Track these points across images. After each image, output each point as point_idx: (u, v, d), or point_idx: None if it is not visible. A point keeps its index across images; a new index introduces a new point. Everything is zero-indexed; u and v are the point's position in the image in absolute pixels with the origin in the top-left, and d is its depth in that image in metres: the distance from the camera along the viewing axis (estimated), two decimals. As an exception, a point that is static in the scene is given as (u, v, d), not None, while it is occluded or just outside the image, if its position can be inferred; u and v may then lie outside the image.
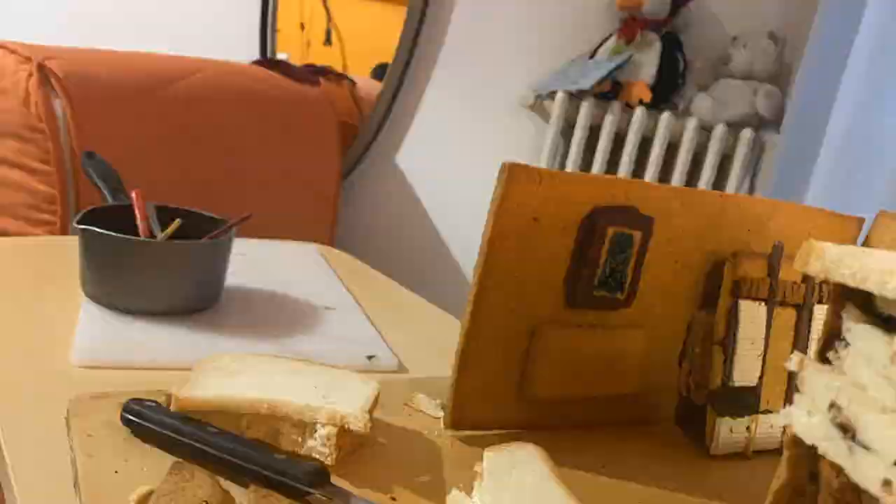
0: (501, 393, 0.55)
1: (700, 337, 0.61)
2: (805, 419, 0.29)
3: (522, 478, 0.43)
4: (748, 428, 0.59)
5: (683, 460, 0.59)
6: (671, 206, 0.57)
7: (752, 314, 0.58)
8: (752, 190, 1.61)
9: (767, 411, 0.60)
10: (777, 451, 0.62)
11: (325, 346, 0.72)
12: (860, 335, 0.29)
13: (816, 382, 0.30)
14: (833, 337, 0.31)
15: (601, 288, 0.55)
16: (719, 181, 1.61)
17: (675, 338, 0.62)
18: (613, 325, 0.58)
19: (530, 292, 0.54)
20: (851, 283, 0.28)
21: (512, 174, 0.50)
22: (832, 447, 0.28)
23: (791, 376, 0.61)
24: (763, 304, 0.58)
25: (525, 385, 0.56)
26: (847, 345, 0.30)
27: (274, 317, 0.82)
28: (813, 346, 0.65)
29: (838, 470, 0.28)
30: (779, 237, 0.62)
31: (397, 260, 1.86)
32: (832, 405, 0.29)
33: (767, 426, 0.61)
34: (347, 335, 0.76)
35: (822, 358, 0.31)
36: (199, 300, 0.81)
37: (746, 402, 0.58)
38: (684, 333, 0.62)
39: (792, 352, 0.60)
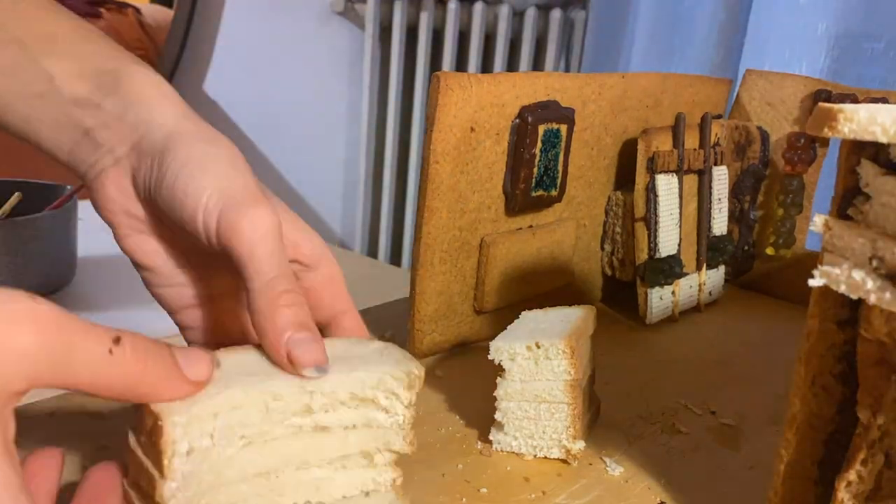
0: (457, 312, 0.54)
1: (620, 216, 0.63)
2: (847, 275, 0.30)
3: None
4: (673, 293, 0.63)
5: (623, 333, 0.62)
6: (585, 93, 0.57)
7: (667, 187, 0.60)
8: (567, 69, 1.67)
9: (684, 274, 0.64)
10: (695, 309, 0.67)
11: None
12: (882, 187, 0.31)
13: (849, 239, 0.31)
14: (850, 194, 0.32)
15: (538, 188, 0.54)
16: (537, 65, 1.64)
17: (595, 222, 0.64)
18: (549, 223, 0.58)
19: (473, 208, 0.52)
20: (884, 138, 0.29)
21: (446, 84, 0.47)
22: (884, 297, 0.29)
23: (707, 238, 0.65)
24: (674, 174, 0.61)
25: (477, 299, 0.55)
26: (868, 198, 0.32)
27: (140, 285, 0.74)
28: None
29: (887, 316, 0.30)
30: (672, 108, 0.65)
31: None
32: (872, 257, 0.30)
33: (687, 287, 0.65)
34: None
35: (842, 216, 0.33)
36: (53, 281, 0.72)
37: (671, 269, 0.61)
38: (602, 217, 0.64)
39: (699, 212, 0.64)
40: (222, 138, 0.38)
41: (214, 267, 0.39)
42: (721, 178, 0.65)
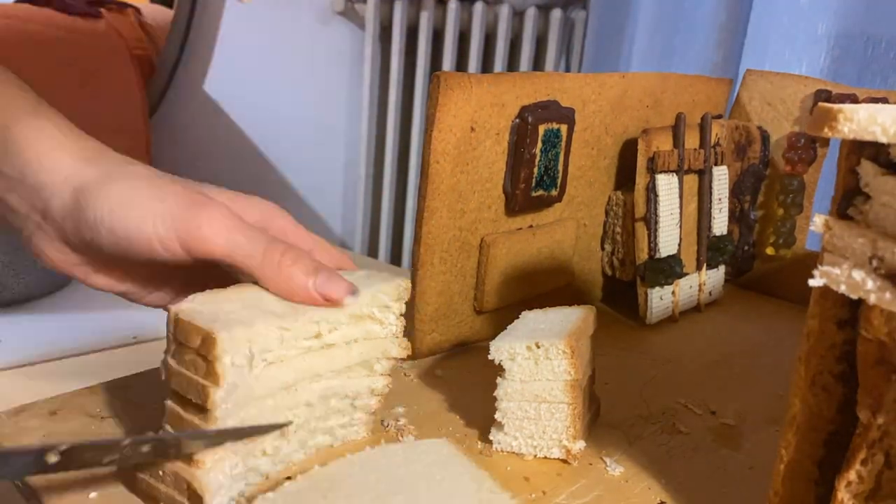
0: (457, 312, 0.54)
1: (620, 216, 0.63)
2: (847, 275, 0.30)
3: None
4: (673, 293, 0.63)
5: (623, 333, 0.62)
6: (585, 93, 0.57)
7: (667, 187, 0.60)
8: (567, 69, 1.67)
9: (685, 274, 0.64)
10: (695, 309, 0.67)
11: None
12: (882, 187, 0.31)
13: (849, 239, 0.31)
14: (850, 194, 0.32)
15: (538, 188, 0.54)
16: (537, 65, 1.64)
17: (596, 222, 0.64)
18: (550, 222, 0.58)
19: (473, 208, 0.52)
20: (884, 138, 0.29)
21: (446, 84, 0.46)
22: (884, 297, 0.29)
23: (707, 238, 0.65)
24: (674, 174, 0.61)
25: (477, 299, 0.55)
26: (868, 198, 0.32)
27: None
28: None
29: (888, 316, 0.30)
30: (672, 108, 0.65)
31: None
32: (872, 257, 0.30)
33: (687, 287, 0.65)
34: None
35: (842, 216, 0.33)
36: (53, 280, 0.72)
37: (672, 269, 0.61)
38: (603, 217, 0.64)
39: (699, 212, 0.64)
40: (130, 163, 0.37)
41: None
42: (721, 178, 0.65)
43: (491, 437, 0.42)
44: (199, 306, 0.35)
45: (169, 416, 0.35)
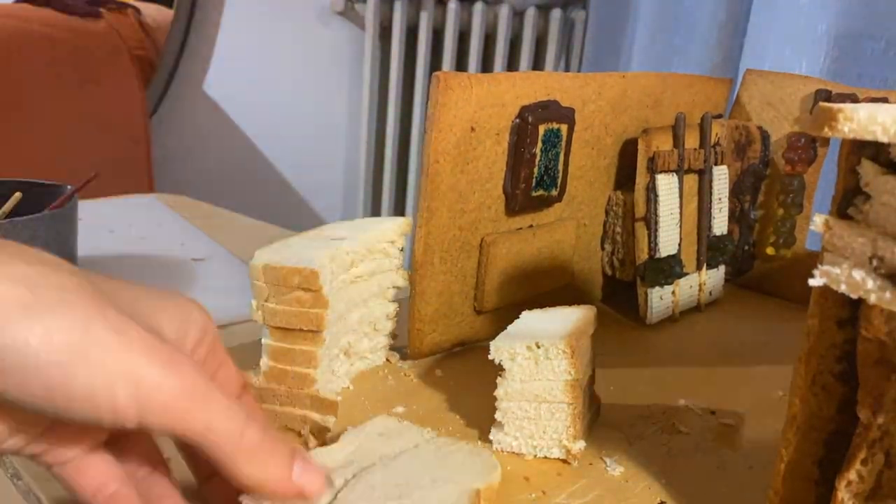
0: (457, 312, 0.54)
1: (620, 216, 0.63)
2: (847, 275, 0.30)
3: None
4: (673, 293, 0.63)
5: (623, 333, 0.62)
6: (585, 93, 0.57)
7: (667, 187, 0.60)
8: (567, 69, 1.67)
9: (685, 273, 0.64)
10: (695, 309, 0.67)
11: (207, 301, 0.66)
12: (882, 187, 0.31)
13: (849, 239, 0.31)
14: (850, 193, 0.32)
15: (538, 188, 0.54)
16: (537, 65, 1.64)
17: (596, 222, 0.64)
18: (549, 222, 0.58)
19: (473, 208, 0.52)
20: (884, 138, 0.29)
21: (446, 84, 0.47)
22: (884, 296, 0.29)
23: (707, 238, 0.65)
24: (674, 174, 0.61)
25: (477, 299, 0.55)
26: (868, 198, 0.32)
27: (139, 280, 0.75)
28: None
29: (888, 316, 0.30)
30: (672, 108, 0.65)
31: (230, 194, 1.75)
32: (873, 257, 0.30)
33: (687, 287, 0.65)
34: (227, 284, 0.71)
35: (842, 216, 0.33)
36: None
37: (672, 269, 0.61)
38: (603, 216, 0.64)
39: (699, 212, 0.64)
40: (62, 298, 0.26)
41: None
42: (721, 177, 0.65)
43: (491, 437, 0.42)
44: (274, 255, 0.41)
45: (271, 352, 0.42)
